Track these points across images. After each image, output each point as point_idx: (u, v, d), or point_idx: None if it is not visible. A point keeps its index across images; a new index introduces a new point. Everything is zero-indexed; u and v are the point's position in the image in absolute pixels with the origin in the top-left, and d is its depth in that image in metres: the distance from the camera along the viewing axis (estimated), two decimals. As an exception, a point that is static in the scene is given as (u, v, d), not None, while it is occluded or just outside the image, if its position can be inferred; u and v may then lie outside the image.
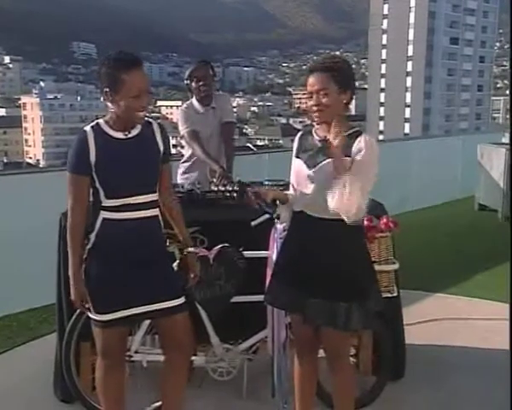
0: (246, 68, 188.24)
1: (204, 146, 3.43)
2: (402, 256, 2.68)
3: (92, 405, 2.59)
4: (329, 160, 1.99)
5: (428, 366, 3.13)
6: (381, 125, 74.36)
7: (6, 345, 3.37)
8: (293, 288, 2.13)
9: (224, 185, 2.97)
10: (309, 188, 2.07)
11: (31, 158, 76.22)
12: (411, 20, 74.13)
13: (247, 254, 2.62)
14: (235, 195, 2.87)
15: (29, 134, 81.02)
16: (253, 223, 2.57)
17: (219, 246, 2.59)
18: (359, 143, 2.01)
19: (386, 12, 76.06)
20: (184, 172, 3.61)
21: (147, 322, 2.56)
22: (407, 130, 71.28)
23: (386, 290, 2.50)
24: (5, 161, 64.40)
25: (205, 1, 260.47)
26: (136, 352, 2.59)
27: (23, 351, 3.33)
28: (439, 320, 3.75)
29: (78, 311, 2.53)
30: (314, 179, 2.05)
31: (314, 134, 2.14)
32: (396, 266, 2.57)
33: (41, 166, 61.36)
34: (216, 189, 2.91)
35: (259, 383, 2.74)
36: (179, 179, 3.57)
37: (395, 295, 2.60)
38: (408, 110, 74.40)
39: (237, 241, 2.62)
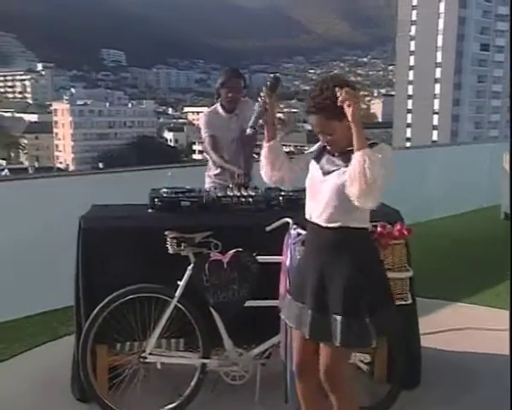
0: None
1: (221, 152, 3.49)
2: (423, 265, 2.64)
3: (108, 405, 2.64)
4: (341, 169, 1.98)
5: (445, 376, 3.08)
6: (409, 133, 73.45)
7: (28, 344, 3.45)
8: (300, 303, 2.11)
9: (239, 189, 3.00)
10: (318, 195, 2.06)
11: (61, 163, 77.85)
12: (440, 26, 73.14)
13: (261, 259, 2.63)
14: (250, 200, 2.89)
15: (59, 139, 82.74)
16: (267, 228, 2.60)
17: (233, 250, 2.61)
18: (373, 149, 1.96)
19: (414, 18, 75.25)
20: (210, 177, 3.69)
21: (162, 324, 2.60)
22: (435, 137, 70.23)
23: (399, 298, 2.48)
24: (36, 165, 65.93)
25: (231, 8, 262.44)
26: (150, 354, 2.62)
27: (44, 350, 3.41)
28: (459, 330, 3.69)
29: (94, 312, 2.59)
30: (324, 187, 2.04)
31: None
32: (410, 274, 2.54)
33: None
34: (231, 194, 2.94)
35: (272, 388, 2.73)
36: (207, 184, 3.65)
37: (409, 302, 2.57)
38: (436, 117, 73.33)
39: (251, 246, 2.64)
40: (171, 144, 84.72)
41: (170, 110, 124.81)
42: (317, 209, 2.06)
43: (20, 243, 3.86)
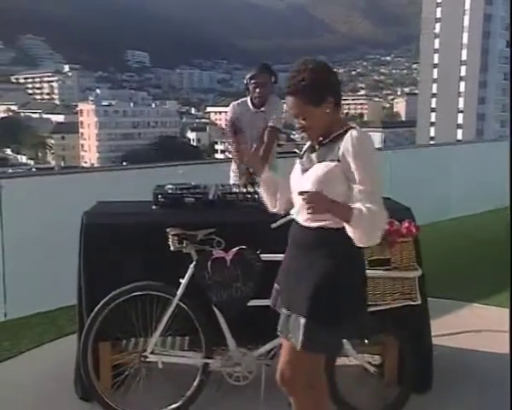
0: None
1: (241, 142, 3.49)
2: (438, 264, 2.54)
3: (109, 404, 2.60)
4: (317, 165, 1.90)
5: (459, 378, 2.97)
6: (432, 132, 72.37)
7: (35, 342, 3.45)
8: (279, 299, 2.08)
9: (246, 186, 2.95)
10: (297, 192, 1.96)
11: (86, 162, 79.01)
12: (466, 23, 71.86)
13: (265, 256, 2.57)
14: (255, 197, 2.83)
15: (85, 139, 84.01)
16: (273, 225, 2.53)
17: (236, 248, 2.55)
18: (345, 142, 1.84)
19: (439, 15, 74.09)
20: (234, 171, 3.72)
21: (163, 323, 2.56)
22: (459, 136, 69.01)
23: (408, 298, 2.39)
24: (62, 164, 67.02)
25: (253, 8, 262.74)
26: (152, 353, 2.58)
27: (51, 348, 3.40)
28: (475, 331, 3.57)
29: (95, 310, 2.55)
30: (302, 185, 1.92)
31: None
32: (418, 273, 2.44)
33: (94, 170, 63.28)
34: (237, 191, 2.88)
35: (278, 388, 2.67)
36: (231, 180, 3.66)
37: (418, 302, 2.47)
38: (461, 116, 72.08)
39: (255, 243, 2.57)
40: (194, 144, 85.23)
41: (193, 110, 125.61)
42: (296, 207, 1.99)
43: (30, 239, 3.86)
